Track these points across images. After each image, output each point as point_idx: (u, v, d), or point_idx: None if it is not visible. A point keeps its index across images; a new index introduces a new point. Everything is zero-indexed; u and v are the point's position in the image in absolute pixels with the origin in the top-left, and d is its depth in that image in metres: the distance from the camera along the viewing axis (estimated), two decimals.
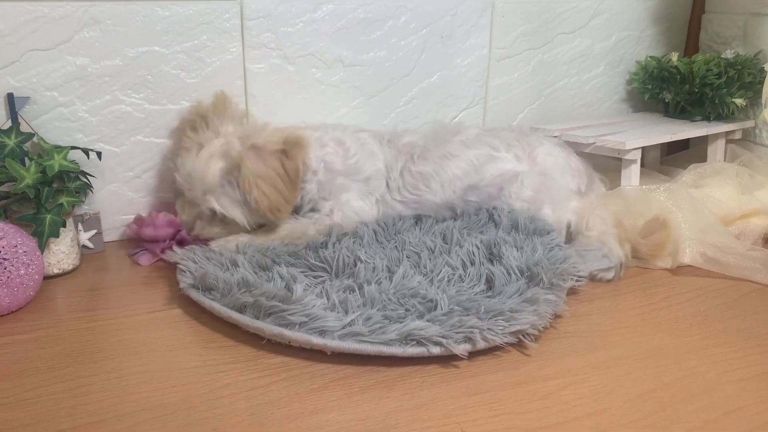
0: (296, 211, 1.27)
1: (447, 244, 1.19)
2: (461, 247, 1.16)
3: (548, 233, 1.21)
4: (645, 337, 1.01)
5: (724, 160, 1.56)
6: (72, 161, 1.18)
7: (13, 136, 1.13)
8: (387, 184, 1.31)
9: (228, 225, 1.21)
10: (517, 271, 1.08)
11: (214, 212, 1.19)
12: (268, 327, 0.93)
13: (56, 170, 1.13)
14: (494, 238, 1.16)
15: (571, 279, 1.09)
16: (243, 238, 1.20)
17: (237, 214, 1.19)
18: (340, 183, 1.27)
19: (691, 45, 1.78)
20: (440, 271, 1.09)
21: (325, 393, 0.86)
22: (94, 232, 1.30)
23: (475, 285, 1.06)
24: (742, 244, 1.27)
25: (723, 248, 1.24)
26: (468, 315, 0.95)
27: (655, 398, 0.86)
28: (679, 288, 1.17)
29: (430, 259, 1.13)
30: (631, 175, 1.39)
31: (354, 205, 1.27)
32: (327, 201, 1.27)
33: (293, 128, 1.27)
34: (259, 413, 0.82)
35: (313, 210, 1.28)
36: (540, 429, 0.79)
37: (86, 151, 1.23)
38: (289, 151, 1.17)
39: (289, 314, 0.93)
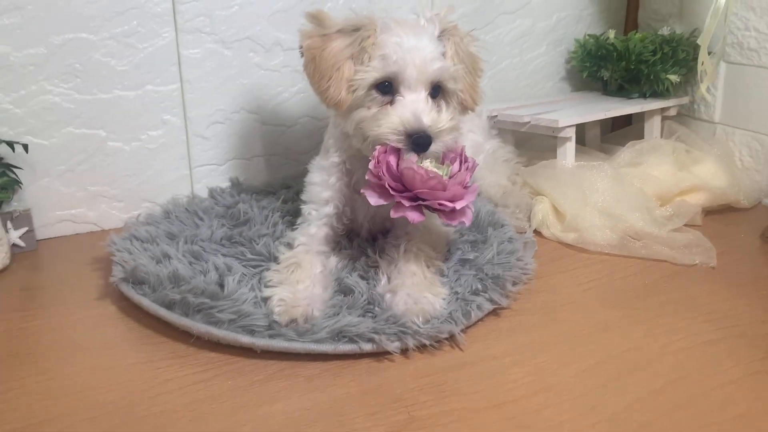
0: None
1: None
2: None
3: (502, 226, 1.21)
4: (591, 311, 1.02)
5: (661, 137, 1.59)
6: None
7: None
8: None
9: None
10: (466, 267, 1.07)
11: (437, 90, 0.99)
12: (195, 325, 0.90)
13: None
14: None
15: (519, 271, 1.08)
16: None
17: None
18: None
19: (630, 23, 1.79)
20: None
21: (269, 384, 0.83)
22: (25, 229, 1.24)
23: None
24: (668, 223, 1.28)
25: (640, 232, 1.25)
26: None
27: (600, 372, 0.86)
28: (624, 262, 1.18)
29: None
30: (566, 152, 1.40)
31: None
32: None
33: None
34: (200, 408, 0.79)
35: None
36: (487, 409, 0.78)
37: (11, 144, 1.17)
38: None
39: (217, 311, 0.90)
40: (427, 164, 0.93)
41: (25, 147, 1.20)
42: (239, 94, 1.39)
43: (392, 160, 0.92)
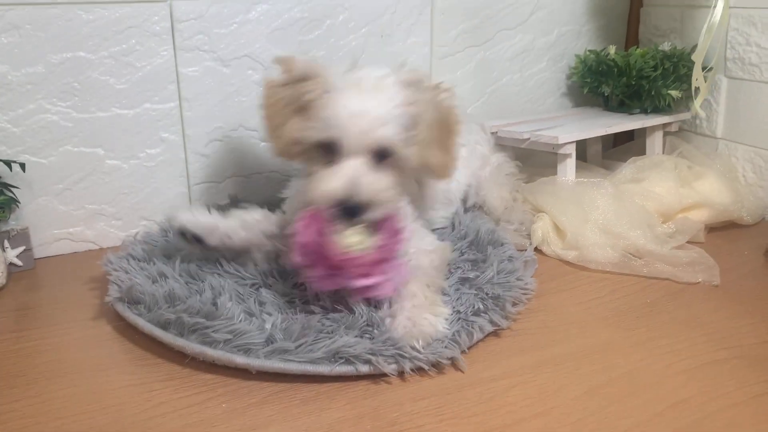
0: None
1: None
2: None
3: (502, 245, 1.20)
4: (592, 331, 1.00)
5: (663, 153, 1.58)
6: None
7: None
8: None
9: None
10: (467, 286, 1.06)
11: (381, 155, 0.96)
12: (190, 345, 0.89)
13: None
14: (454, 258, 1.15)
15: (519, 292, 1.06)
16: None
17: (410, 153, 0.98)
18: None
19: (631, 38, 1.79)
20: None
21: (264, 407, 0.82)
22: (22, 248, 1.23)
23: None
24: (670, 241, 1.27)
25: (641, 249, 1.24)
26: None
27: (602, 394, 0.84)
28: (625, 280, 1.17)
29: None
30: (567, 169, 1.39)
31: None
32: None
33: None
34: None
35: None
36: None
37: (8, 163, 1.17)
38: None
39: (212, 331, 0.89)
40: (350, 233, 0.91)
41: (22, 166, 1.19)
42: (238, 111, 1.38)
43: (317, 227, 0.91)
